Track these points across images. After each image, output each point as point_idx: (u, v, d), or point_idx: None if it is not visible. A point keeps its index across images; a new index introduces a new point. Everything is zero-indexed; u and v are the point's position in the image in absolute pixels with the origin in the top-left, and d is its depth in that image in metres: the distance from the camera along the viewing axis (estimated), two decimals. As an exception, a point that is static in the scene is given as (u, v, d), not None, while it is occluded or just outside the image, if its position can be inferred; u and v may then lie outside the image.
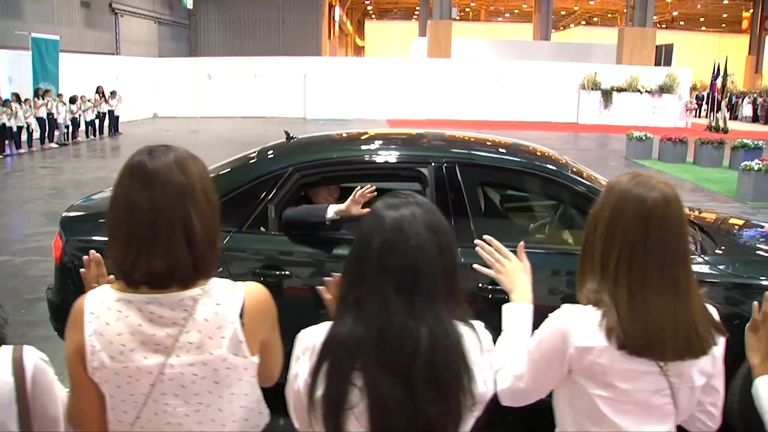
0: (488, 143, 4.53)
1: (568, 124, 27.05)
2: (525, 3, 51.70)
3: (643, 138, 17.07)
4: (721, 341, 1.66)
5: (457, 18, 48.82)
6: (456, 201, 3.69)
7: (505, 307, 1.90)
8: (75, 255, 3.83)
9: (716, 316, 1.69)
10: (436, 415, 1.36)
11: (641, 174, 1.67)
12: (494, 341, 1.59)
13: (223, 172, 4.15)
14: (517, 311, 1.87)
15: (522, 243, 2.07)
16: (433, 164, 3.81)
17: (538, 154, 4.27)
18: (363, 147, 4.40)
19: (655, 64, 29.53)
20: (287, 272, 3.65)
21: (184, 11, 35.79)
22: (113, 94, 20.80)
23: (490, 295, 3.42)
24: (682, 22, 58.36)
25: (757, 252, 4.21)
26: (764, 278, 3.61)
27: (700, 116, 32.18)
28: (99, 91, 20.33)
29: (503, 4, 56.48)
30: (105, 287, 1.57)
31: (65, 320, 3.94)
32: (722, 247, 3.95)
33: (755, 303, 1.91)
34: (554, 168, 3.92)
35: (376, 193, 3.59)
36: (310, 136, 4.82)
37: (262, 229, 3.79)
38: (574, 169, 4.02)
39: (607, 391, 1.61)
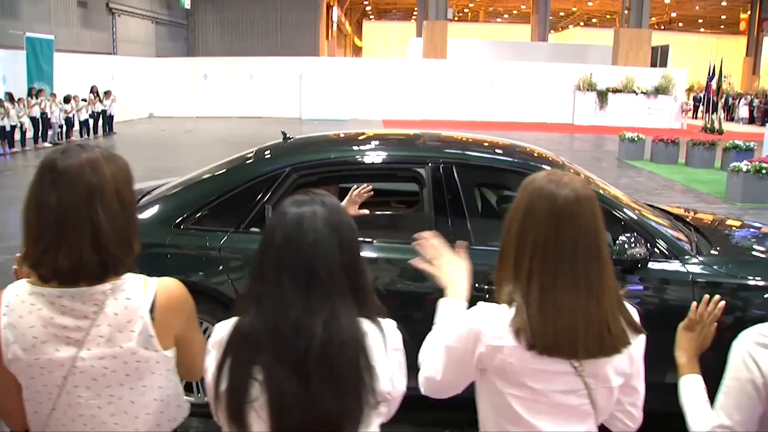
0: (485, 144, 4.54)
1: (564, 125, 27.08)
2: (523, 4, 51.70)
3: (636, 139, 17.09)
4: (638, 340, 1.67)
5: (455, 19, 48.93)
6: (453, 201, 3.71)
7: (439, 302, 1.92)
8: None
9: (635, 315, 1.69)
10: (332, 411, 1.38)
11: (556, 172, 1.67)
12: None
13: (220, 172, 4.18)
14: (449, 306, 1.89)
15: (463, 242, 2.09)
16: (430, 165, 3.84)
17: (535, 154, 4.28)
18: (360, 147, 4.41)
19: (651, 66, 29.55)
20: None
21: (182, 11, 35.77)
22: (107, 93, 20.82)
23: (487, 295, 3.45)
24: (680, 24, 58.37)
25: (752, 252, 4.22)
26: (759, 278, 3.62)
27: (696, 117, 32.19)
28: (93, 90, 20.35)
29: (502, 4, 56.51)
30: (22, 281, 1.60)
31: None
32: (717, 248, 3.95)
33: (693, 303, 1.95)
34: (549, 168, 3.89)
35: (372, 192, 3.59)
36: (307, 137, 4.82)
37: (258, 229, 3.79)
38: (572, 171, 4.01)
39: (520, 390, 1.61)
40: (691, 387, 1.85)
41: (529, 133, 22.15)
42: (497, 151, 4.31)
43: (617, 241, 3.52)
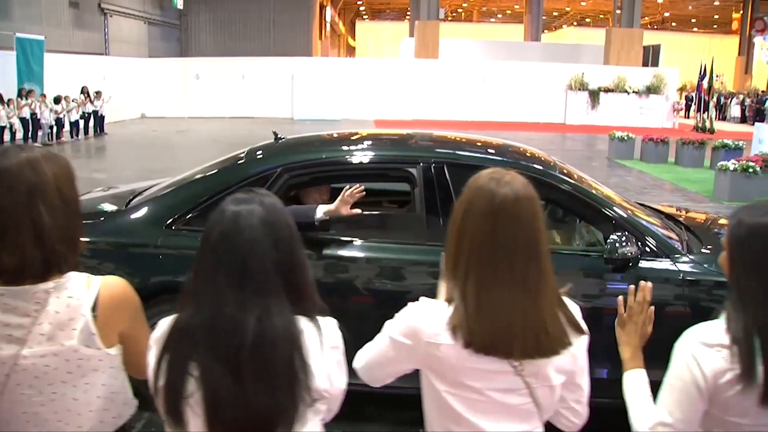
0: (478, 143, 4.54)
1: (556, 125, 27.12)
2: (517, 3, 51.75)
3: (625, 138, 17.13)
4: (580, 340, 1.66)
5: (448, 19, 48.86)
6: (444, 201, 3.69)
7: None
8: None
9: (578, 313, 1.68)
10: (266, 407, 1.39)
11: (500, 170, 1.67)
12: None
13: (211, 172, 4.17)
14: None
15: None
16: (421, 164, 3.83)
17: (527, 154, 4.27)
18: (352, 147, 4.40)
19: (643, 65, 29.61)
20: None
21: (175, 12, 35.71)
22: (98, 94, 20.78)
23: None
24: (674, 23, 58.49)
25: None
26: None
27: (689, 117, 32.26)
28: (84, 91, 20.30)
29: (495, 4, 56.54)
30: None
31: None
32: (709, 246, 3.96)
33: (620, 298, 1.95)
34: (541, 168, 3.93)
35: (365, 192, 3.61)
36: (298, 137, 4.81)
37: None
38: (563, 170, 4.03)
39: (458, 389, 1.61)
40: (634, 382, 1.85)
41: (521, 133, 22.18)
42: (489, 150, 4.32)
43: (608, 240, 3.53)
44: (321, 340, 1.49)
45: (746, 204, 1.79)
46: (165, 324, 1.51)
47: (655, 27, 56.83)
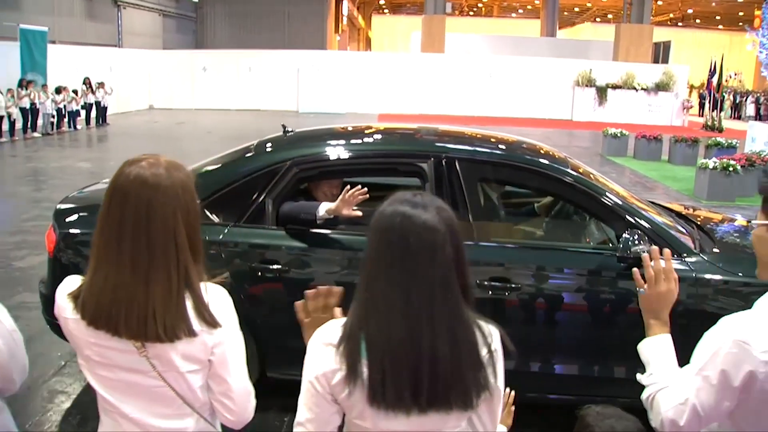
0: (490, 140, 4.41)
1: (563, 121, 26.89)
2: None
3: (618, 135, 16.95)
4: (218, 332, 1.64)
5: (470, 13, 48.62)
6: (455, 197, 3.66)
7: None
8: (69, 248, 3.85)
9: (223, 303, 1.68)
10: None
11: (149, 157, 1.70)
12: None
13: (220, 165, 4.12)
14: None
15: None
16: (432, 160, 3.77)
17: (541, 151, 4.20)
18: (362, 141, 4.36)
19: (654, 62, 29.23)
20: (284, 266, 3.63)
21: (191, 4, 36.04)
22: (101, 85, 21.04)
23: (490, 292, 3.50)
24: (698, 20, 57.55)
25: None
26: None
27: (702, 115, 31.79)
28: (86, 82, 20.58)
29: (516, 0, 56.14)
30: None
31: None
32: (721, 245, 3.92)
33: (635, 270, 1.89)
34: (549, 164, 3.89)
35: (368, 195, 3.54)
36: (307, 130, 4.73)
37: (258, 224, 3.76)
38: (575, 167, 3.97)
39: (87, 364, 1.66)
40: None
41: (520, 128, 22.01)
42: (500, 146, 4.23)
43: (620, 238, 3.49)
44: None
45: None
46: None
47: (678, 24, 56.00)
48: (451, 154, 3.82)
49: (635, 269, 1.88)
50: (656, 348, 1.75)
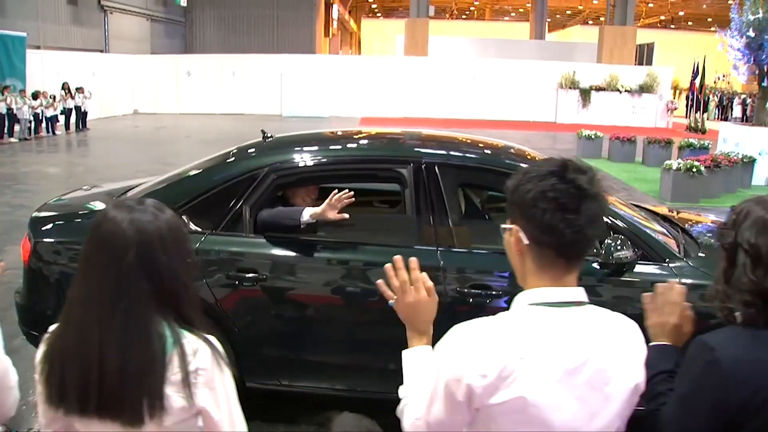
0: (469, 143, 4.36)
1: (546, 124, 26.87)
2: (529, 2, 51.42)
3: (593, 137, 16.96)
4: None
5: (462, 17, 48.63)
6: (435, 202, 3.61)
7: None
8: (43, 257, 3.78)
9: None
10: None
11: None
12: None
13: (197, 172, 4.06)
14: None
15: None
16: (412, 165, 3.71)
17: (525, 154, 4.13)
18: (341, 147, 4.31)
19: (637, 63, 29.25)
20: (262, 275, 3.56)
21: (180, 9, 36.04)
22: (80, 90, 21.06)
23: (470, 299, 3.45)
24: (690, 23, 57.66)
25: None
26: None
27: (689, 116, 31.83)
28: (65, 87, 20.60)
29: (508, 3, 56.22)
30: None
31: (34, 324, 3.85)
32: (705, 250, 3.84)
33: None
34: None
35: (354, 198, 3.53)
36: (287, 135, 4.66)
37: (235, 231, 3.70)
38: None
39: None
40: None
41: (500, 131, 22.00)
42: (481, 150, 4.17)
43: (603, 244, 3.42)
44: None
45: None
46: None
47: (671, 26, 56.09)
48: (430, 159, 3.76)
49: (379, 281, 1.76)
50: (410, 361, 1.69)
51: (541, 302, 1.46)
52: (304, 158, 3.90)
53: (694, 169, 11.46)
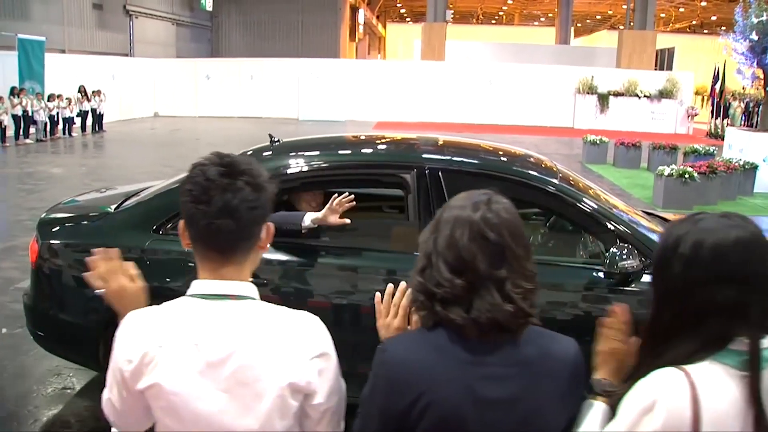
0: (476, 149, 4.29)
1: (564, 129, 26.63)
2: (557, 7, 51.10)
3: (598, 142, 16.79)
4: None
5: (492, 22, 48.26)
6: (438, 208, 3.56)
7: None
8: (51, 258, 3.81)
9: None
10: None
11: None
12: None
13: None
14: None
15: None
16: (415, 171, 3.67)
17: (539, 164, 4.04)
18: (345, 152, 4.32)
19: (657, 68, 28.82)
20: (263, 280, 3.46)
21: (206, 13, 36.59)
22: (96, 92, 21.50)
23: None
24: (723, 27, 56.64)
25: None
26: None
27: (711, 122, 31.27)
28: (81, 90, 21.06)
29: (537, 7, 55.88)
30: None
31: (41, 325, 3.97)
32: None
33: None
34: (537, 175, 3.74)
35: (354, 202, 3.51)
36: (294, 140, 4.66)
37: None
38: (566, 179, 3.82)
39: None
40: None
41: (516, 136, 21.88)
42: (486, 157, 4.11)
43: (607, 253, 3.37)
44: None
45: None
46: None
47: (705, 31, 55.18)
48: (434, 165, 3.70)
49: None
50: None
51: (196, 294, 1.51)
52: (306, 163, 3.88)
53: (687, 176, 11.29)
